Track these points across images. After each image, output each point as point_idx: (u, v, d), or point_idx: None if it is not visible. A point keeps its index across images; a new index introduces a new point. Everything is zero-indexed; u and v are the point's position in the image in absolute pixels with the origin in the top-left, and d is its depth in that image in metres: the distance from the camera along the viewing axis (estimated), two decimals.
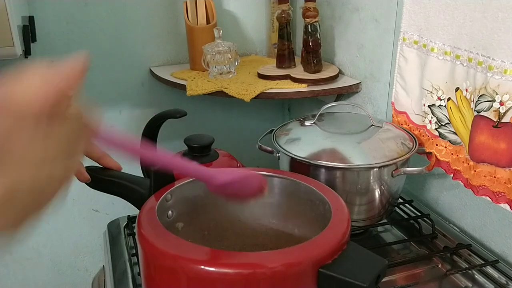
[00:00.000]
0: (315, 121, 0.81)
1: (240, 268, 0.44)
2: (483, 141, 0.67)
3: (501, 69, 0.63)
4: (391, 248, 0.78)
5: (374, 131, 0.78)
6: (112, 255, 0.78)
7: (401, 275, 0.70)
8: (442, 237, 0.79)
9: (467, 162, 0.73)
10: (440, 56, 0.74)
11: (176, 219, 0.60)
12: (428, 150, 0.80)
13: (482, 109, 0.66)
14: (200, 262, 0.44)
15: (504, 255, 0.76)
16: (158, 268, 0.48)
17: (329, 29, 1.15)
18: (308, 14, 1.05)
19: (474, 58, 0.68)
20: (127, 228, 0.82)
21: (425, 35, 0.77)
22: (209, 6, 1.16)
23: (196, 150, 0.83)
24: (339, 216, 0.53)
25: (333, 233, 0.50)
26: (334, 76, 1.07)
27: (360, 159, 0.72)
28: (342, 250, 0.48)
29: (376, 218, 0.79)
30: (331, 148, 0.74)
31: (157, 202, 0.56)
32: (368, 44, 1.02)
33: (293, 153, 0.74)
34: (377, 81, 1.00)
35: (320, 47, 1.08)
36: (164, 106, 0.89)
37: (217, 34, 1.08)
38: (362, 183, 0.73)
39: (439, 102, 0.76)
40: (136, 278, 0.70)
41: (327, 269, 0.46)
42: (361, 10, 1.02)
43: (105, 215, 1.32)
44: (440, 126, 0.77)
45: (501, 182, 0.67)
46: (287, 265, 0.45)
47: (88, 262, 1.38)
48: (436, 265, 0.73)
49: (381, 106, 1.00)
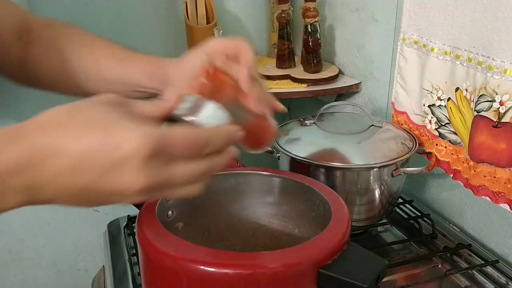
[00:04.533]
0: (315, 121, 0.81)
1: (240, 268, 0.44)
2: (483, 141, 0.67)
3: (501, 69, 0.63)
4: (391, 248, 0.78)
5: (374, 131, 0.78)
6: (112, 255, 0.78)
7: (401, 275, 0.70)
8: (442, 237, 0.79)
9: (467, 162, 0.73)
10: (440, 56, 0.74)
11: (176, 219, 0.60)
12: (428, 150, 0.80)
13: (482, 109, 0.66)
14: (200, 262, 0.44)
15: (504, 255, 0.76)
16: (158, 268, 0.48)
17: (329, 29, 1.15)
18: (308, 14, 1.05)
19: (474, 58, 0.68)
20: (127, 228, 0.82)
21: (425, 35, 0.77)
22: (209, 6, 1.16)
23: None
24: (339, 216, 0.53)
25: (333, 233, 0.50)
26: (334, 76, 1.07)
27: (360, 159, 0.72)
28: (342, 250, 0.48)
29: (376, 218, 0.79)
30: (331, 148, 0.74)
31: (157, 202, 0.56)
32: (368, 44, 1.02)
33: (293, 153, 0.74)
34: (377, 81, 1.00)
35: (320, 47, 1.08)
36: None
37: (217, 34, 1.08)
38: (362, 183, 0.73)
39: (439, 102, 0.76)
40: (136, 278, 0.70)
41: (327, 270, 0.46)
42: (361, 10, 1.02)
43: (105, 215, 1.32)
44: (440, 126, 0.77)
45: (501, 182, 0.67)
46: (287, 265, 0.45)
47: (88, 262, 1.38)
48: (436, 265, 0.73)
49: (381, 106, 1.00)
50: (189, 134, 0.37)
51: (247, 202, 0.65)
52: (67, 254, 1.35)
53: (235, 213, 0.65)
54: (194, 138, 0.37)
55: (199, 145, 0.38)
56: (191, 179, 0.39)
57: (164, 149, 0.35)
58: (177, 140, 0.36)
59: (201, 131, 0.39)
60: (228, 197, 0.64)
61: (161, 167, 0.36)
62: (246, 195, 0.65)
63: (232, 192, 0.64)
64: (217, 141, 0.39)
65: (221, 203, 0.64)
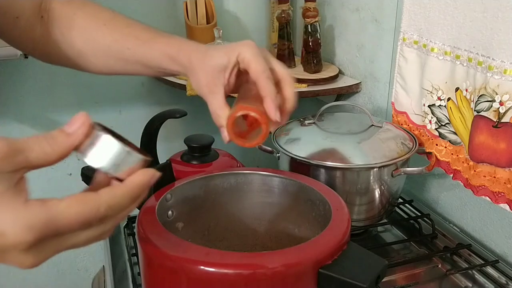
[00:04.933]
0: (315, 121, 0.81)
1: (240, 268, 0.44)
2: (483, 141, 0.67)
3: (501, 69, 0.63)
4: (391, 248, 0.78)
5: (374, 131, 0.78)
6: (112, 255, 0.78)
7: (401, 275, 0.70)
8: (442, 237, 0.79)
9: (467, 162, 0.73)
10: (440, 56, 0.74)
11: (176, 219, 0.60)
12: (428, 150, 0.80)
13: (482, 109, 0.66)
14: (200, 262, 0.44)
15: (504, 255, 0.76)
16: (158, 268, 0.48)
17: (329, 29, 1.15)
18: (308, 14, 1.05)
19: (474, 58, 0.68)
20: (127, 228, 0.82)
21: (425, 35, 0.77)
22: (209, 6, 1.16)
23: (196, 150, 0.83)
24: (339, 216, 0.53)
25: (333, 233, 0.50)
26: (334, 76, 1.07)
27: (360, 159, 0.72)
28: (342, 250, 0.48)
29: (376, 218, 0.79)
30: (331, 148, 0.74)
31: (157, 202, 0.56)
32: (368, 44, 1.02)
33: (293, 153, 0.74)
34: (377, 81, 1.00)
35: (320, 47, 1.08)
36: (164, 106, 0.89)
37: (217, 34, 1.08)
38: (362, 183, 0.73)
39: (439, 102, 0.76)
40: (136, 278, 0.70)
41: (327, 270, 0.46)
42: (361, 10, 1.02)
43: None
44: (440, 126, 0.77)
45: (500, 182, 0.67)
46: (287, 265, 0.45)
47: (88, 262, 1.38)
48: (436, 265, 0.73)
49: (381, 106, 1.00)
50: (79, 211, 0.34)
51: (247, 202, 0.65)
52: (67, 254, 1.34)
53: (235, 213, 0.65)
54: (85, 214, 0.34)
55: (93, 218, 0.34)
56: (88, 243, 0.36)
57: (51, 233, 0.33)
58: (65, 222, 0.33)
59: (95, 201, 0.34)
60: (228, 197, 0.64)
61: (51, 244, 0.34)
62: (246, 195, 0.65)
63: (232, 192, 0.64)
64: (116, 207, 0.35)
65: (221, 203, 0.64)
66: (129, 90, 1.24)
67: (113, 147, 0.36)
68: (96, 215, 0.34)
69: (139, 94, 1.26)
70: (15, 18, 0.57)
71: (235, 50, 0.52)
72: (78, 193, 0.35)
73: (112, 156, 0.36)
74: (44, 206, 0.33)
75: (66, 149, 0.35)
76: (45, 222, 0.32)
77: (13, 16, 0.57)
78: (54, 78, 1.17)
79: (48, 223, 0.32)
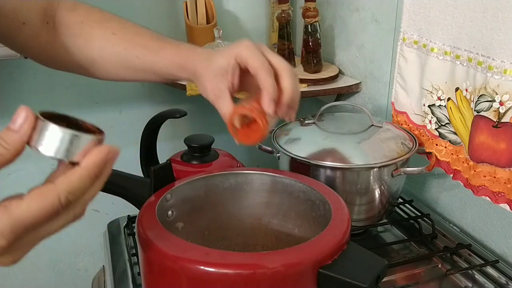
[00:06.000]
0: (315, 121, 0.81)
1: (240, 269, 0.44)
2: (483, 141, 0.67)
3: (501, 69, 0.63)
4: (391, 248, 0.78)
5: (374, 131, 0.78)
6: (112, 255, 0.78)
7: (401, 275, 0.70)
8: (442, 237, 0.79)
9: (467, 162, 0.73)
10: (440, 56, 0.74)
11: (176, 219, 0.60)
12: (428, 150, 0.80)
13: (482, 109, 0.66)
14: (200, 262, 0.44)
15: (504, 255, 0.76)
16: (158, 268, 0.48)
17: (329, 29, 1.15)
18: (308, 14, 1.05)
19: (474, 58, 0.68)
20: (127, 228, 0.82)
21: (425, 35, 0.77)
22: (209, 6, 1.16)
23: (196, 150, 0.83)
24: (339, 216, 0.53)
25: (333, 233, 0.50)
26: (334, 76, 1.07)
27: (360, 159, 0.72)
28: (342, 250, 0.48)
29: (376, 218, 0.79)
30: (331, 148, 0.74)
31: (157, 202, 0.56)
32: (368, 44, 1.02)
33: (293, 153, 0.74)
34: (377, 81, 1.00)
35: (320, 47, 1.08)
36: (164, 106, 0.89)
37: (217, 34, 1.08)
38: (362, 183, 0.73)
39: (439, 102, 0.76)
40: (136, 278, 0.70)
41: (327, 270, 0.46)
42: (361, 10, 1.02)
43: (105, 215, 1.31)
44: (440, 126, 0.77)
45: (501, 182, 0.67)
46: (287, 265, 0.45)
47: (88, 262, 1.38)
48: (436, 265, 0.73)
49: (381, 106, 1.00)
50: (40, 206, 0.34)
51: (247, 202, 0.65)
52: (67, 254, 1.35)
53: (235, 213, 0.65)
54: (46, 207, 0.34)
55: (56, 208, 0.35)
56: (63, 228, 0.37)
57: (21, 232, 0.34)
58: (31, 220, 0.34)
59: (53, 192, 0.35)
60: (228, 197, 0.64)
61: (25, 241, 0.35)
62: (246, 195, 0.65)
63: (232, 192, 0.64)
64: (77, 191, 0.36)
65: (221, 203, 0.64)
66: (129, 90, 1.24)
67: (58, 134, 0.36)
68: (58, 205, 0.35)
69: (139, 94, 1.26)
70: (21, 24, 0.58)
71: (232, 52, 0.53)
72: (37, 187, 0.35)
73: (59, 143, 0.36)
74: (7, 212, 0.33)
75: (18, 146, 0.35)
76: (11, 226, 0.33)
77: (20, 22, 0.58)
78: (54, 78, 1.17)
79: (14, 226, 0.33)
